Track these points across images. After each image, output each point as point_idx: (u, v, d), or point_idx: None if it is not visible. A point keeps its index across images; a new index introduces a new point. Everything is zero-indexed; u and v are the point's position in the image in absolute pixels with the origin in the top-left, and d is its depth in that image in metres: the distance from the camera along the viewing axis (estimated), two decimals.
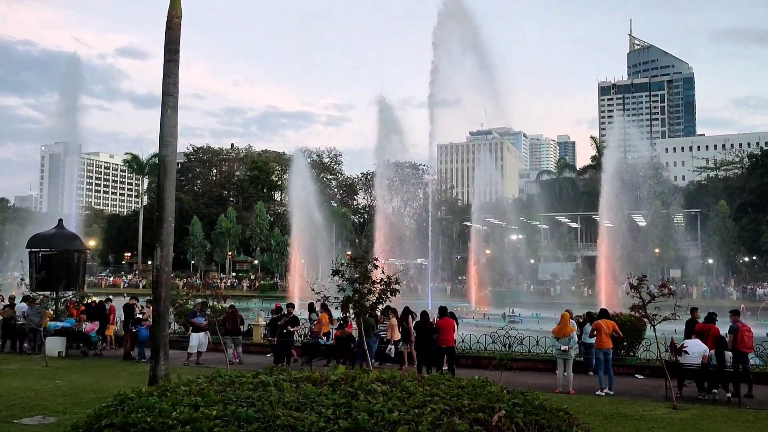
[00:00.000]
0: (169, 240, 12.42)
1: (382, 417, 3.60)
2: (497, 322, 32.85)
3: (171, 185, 12.83)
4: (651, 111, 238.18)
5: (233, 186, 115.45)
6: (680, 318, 13.74)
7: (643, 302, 13.26)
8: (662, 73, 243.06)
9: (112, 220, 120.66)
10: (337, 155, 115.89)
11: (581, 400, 13.21)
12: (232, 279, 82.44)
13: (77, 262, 22.19)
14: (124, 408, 3.92)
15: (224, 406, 3.81)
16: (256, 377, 4.66)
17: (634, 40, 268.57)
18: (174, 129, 12.89)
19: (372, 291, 14.42)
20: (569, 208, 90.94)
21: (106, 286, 77.19)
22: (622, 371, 16.74)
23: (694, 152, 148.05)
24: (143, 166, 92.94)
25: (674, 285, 37.18)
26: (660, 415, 11.70)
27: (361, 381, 4.43)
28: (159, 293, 12.30)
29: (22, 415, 10.04)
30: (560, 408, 4.26)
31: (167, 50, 12.86)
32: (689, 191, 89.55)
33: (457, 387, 4.45)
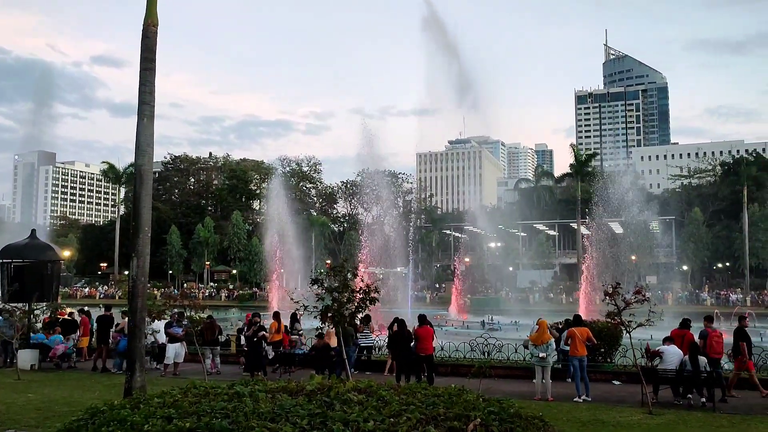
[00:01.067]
0: (145, 250, 12.29)
1: (357, 427, 3.59)
2: (476, 330, 32.97)
3: (147, 195, 12.72)
4: (627, 120, 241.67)
5: (211, 195, 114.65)
6: (655, 324, 13.90)
7: (618, 309, 13.40)
8: (637, 83, 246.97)
9: (87, 230, 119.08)
10: (316, 164, 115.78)
11: (559, 407, 13.29)
12: (211, 289, 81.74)
13: (51, 273, 21.78)
14: (95, 421, 3.86)
15: (198, 418, 3.77)
16: (232, 388, 4.62)
17: (609, 50, 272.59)
18: (150, 138, 12.80)
19: (351, 300, 14.39)
20: (547, 216, 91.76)
21: (81, 297, 76.03)
22: (599, 377, 16.87)
23: (668, 160, 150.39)
24: (120, 175, 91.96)
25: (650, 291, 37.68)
26: (636, 420, 11.81)
27: (337, 391, 4.42)
28: (135, 304, 12.16)
29: None
30: (535, 416, 4.29)
31: (143, 58, 12.78)
32: (664, 199, 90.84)
33: (433, 395, 4.45)
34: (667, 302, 60.47)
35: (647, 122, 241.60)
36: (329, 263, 76.36)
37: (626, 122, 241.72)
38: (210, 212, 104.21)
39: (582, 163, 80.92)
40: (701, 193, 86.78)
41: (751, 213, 70.68)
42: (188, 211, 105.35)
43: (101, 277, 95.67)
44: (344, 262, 15.82)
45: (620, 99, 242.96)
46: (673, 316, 19.88)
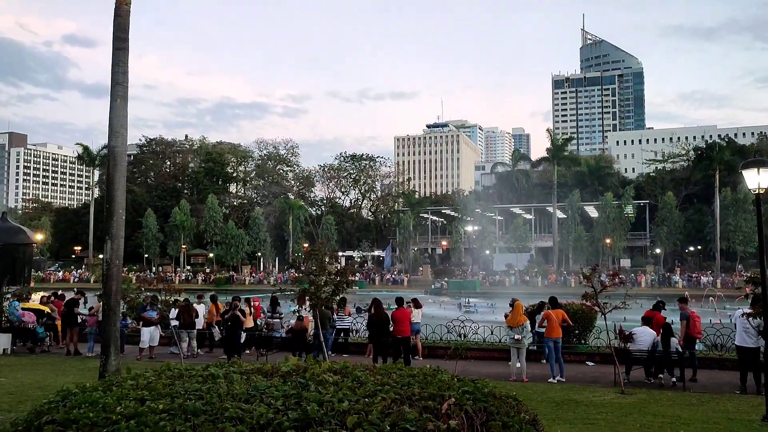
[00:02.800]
0: (119, 233, 12.15)
1: (332, 407, 3.59)
2: (453, 312, 33.24)
3: (121, 177, 12.55)
4: (603, 105, 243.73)
5: (187, 178, 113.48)
6: (630, 307, 14.14)
7: (595, 291, 13.59)
8: (613, 68, 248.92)
9: (61, 214, 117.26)
10: (293, 147, 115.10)
11: (534, 387, 13.48)
12: (187, 272, 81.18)
13: (23, 257, 21.47)
14: (66, 403, 3.81)
15: (172, 400, 3.74)
16: (206, 370, 4.59)
17: (586, 35, 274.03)
18: (124, 119, 12.61)
19: (328, 283, 14.41)
20: (524, 200, 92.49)
21: (56, 281, 75.08)
22: (573, 359, 17.15)
23: (643, 145, 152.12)
24: (94, 157, 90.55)
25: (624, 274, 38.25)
26: (609, 400, 12.03)
27: (312, 372, 4.41)
28: (109, 287, 12.05)
29: None
30: (509, 395, 4.33)
31: (116, 38, 12.54)
32: (639, 183, 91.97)
33: (408, 376, 4.47)
34: (641, 284, 61.53)
35: (623, 107, 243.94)
36: (306, 247, 76.23)
37: (602, 107, 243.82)
38: (186, 195, 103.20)
39: (558, 147, 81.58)
40: (675, 178, 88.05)
41: (723, 197, 71.93)
42: (164, 194, 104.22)
43: (75, 260, 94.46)
44: (321, 246, 15.83)
45: (596, 84, 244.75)
46: (646, 299, 20.21)
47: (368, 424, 3.37)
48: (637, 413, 10.76)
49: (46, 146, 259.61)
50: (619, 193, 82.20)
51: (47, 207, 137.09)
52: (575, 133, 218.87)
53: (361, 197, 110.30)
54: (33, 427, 3.60)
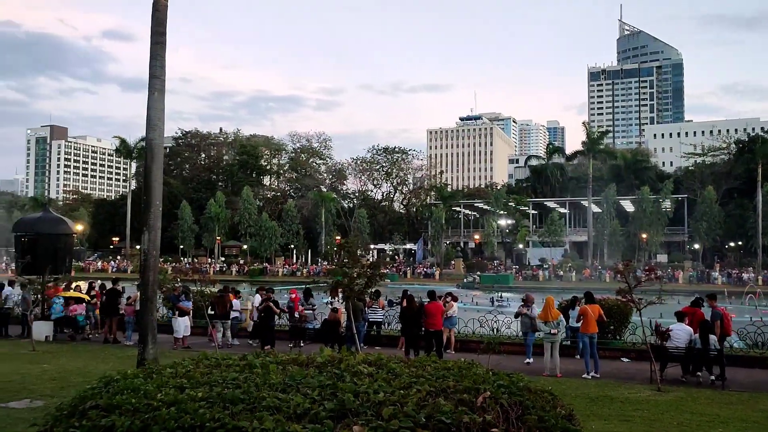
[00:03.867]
0: (156, 224, 12.36)
1: (368, 398, 3.61)
2: (486, 307, 33.10)
3: (158, 169, 12.75)
4: (640, 97, 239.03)
5: (222, 170, 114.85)
6: (666, 303, 13.89)
7: (629, 287, 13.38)
8: (651, 59, 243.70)
9: (99, 205, 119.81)
10: (326, 140, 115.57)
11: (568, 383, 13.35)
12: (221, 264, 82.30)
13: (64, 246, 22.03)
14: (109, 390, 3.92)
15: (210, 388, 3.81)
16: (243, 359, 4.66)
17: (624, 26, 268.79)
18: (161, 112, 12.80)
19: (361, 275, 14.44)
20: (558, 194, 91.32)
21: (94, 270, 76.84)
22: (608, 355, 16.92)
23: (681, 138, 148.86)
24: (131, 150, 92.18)
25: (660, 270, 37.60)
26: (645, 397, 11.86)
27: (347, 363, 4.45)
28: (147, 277, 12.27)
29: (9, 398, 10.01)
30: (545, 389, 4.30)
31: (154, 32, 12.73)
32: (677, 177, 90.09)
33: (443, 369, 4.48)
34: (678, 281, 60.37)
35: (661, 99, 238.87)
36: (339, 239, 76.54)
37: (639, 99, 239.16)
38: (221, 187, 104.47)
39: (594, 140, 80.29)
40: (715, 172, 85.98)
41: (765, 191, 70.00)
42: (199, 186, 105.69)
43: (113, 251, 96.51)
44: (354, 238, 15.86)
45: (634, 75, 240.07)
46: (683, 295, 19.81)
47: (404, 416, 3.39)
48: (673, 411, 10.59)
49: (85, 139, 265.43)
50: (657, 187, 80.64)
51: (86, 198, 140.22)
52: (611, 126, 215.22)
53: (393, 190, 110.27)
54: (78, 412, 3.71)
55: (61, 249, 21.79)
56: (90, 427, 3.43)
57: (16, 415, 8.76)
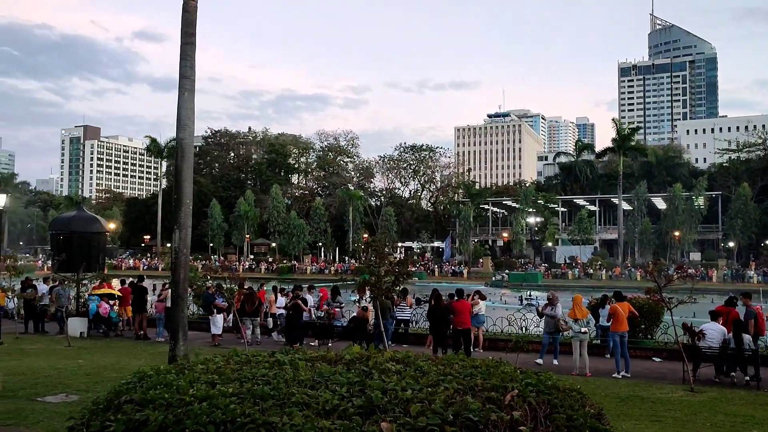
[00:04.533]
0: (187, 222, 12.51)
1: (396, 395, 3.64)
2: (514, 305, 32.88)
3: (189, 168, 12.91)
4: (672, 92, 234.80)
5: (251, 169, 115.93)
6: (698, 302, 13.66)
7: (659, 286, 13.18)
8: (684, 54, 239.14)
9: (131, 203, 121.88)
10: (353, 138, 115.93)
11: (597, 382, 13.21)
12: (250, 261, 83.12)
13: (97, 245, 22.49)
14: (142, 385, 4.01)
15: (240, 384, 3.88)
16: (272, 356, 4.72)
17: (655, 20, 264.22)
18: (191, 112, 12.94)
19: (388, 273, 14.46)
20: (587, 191, 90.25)
21: (126, 268, 78.22)
22: (639, 354, 16.70)
23: (715, 134, 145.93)
24: (162, 149, 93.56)
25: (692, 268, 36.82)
26: (677, 397, 11.68)
27: (375, 360, 4.48)
28: (177, 275, 12.43)
29: (45, 393, 10.26)
30: (573, 388, 4.27)
31: (184, 33, 12.87)
32: (711, 173, 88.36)
33: (470, 367, 4.48)
34: (711, 279, 59.26)
35: (694, 94, 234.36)
36: (366, 237, 76.67)
37: (672, 95, 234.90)
38: (249, 186, 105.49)
39: (624, 137, 79.09)
40: (750, 168, 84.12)
41: None
42: (228, 185, 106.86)
43: (144, 249, 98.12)
44: (382, 236, 15.88)
45: (666, 71, 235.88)
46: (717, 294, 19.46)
47: (431, 413, 3.40)
48: (707, 412, 10.41)
49: (117, 139, 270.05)
50: (689, 184, 79.21)
51: (118, 197, 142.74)
52: (642, 123, 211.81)
53: (420, 188, 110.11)
54: (113, 406, 3.80)
55: (95, 247, 22.25)
56: (125, 420, 3.52)
57: (52, 409, 8.98)
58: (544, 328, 16.78)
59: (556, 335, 16.39)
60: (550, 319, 16.44)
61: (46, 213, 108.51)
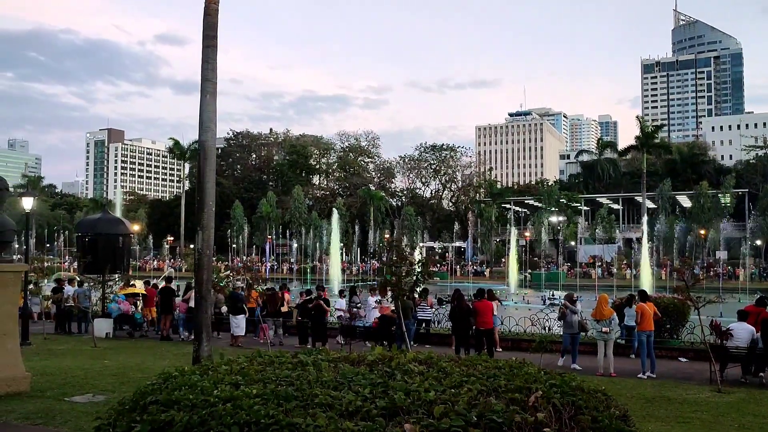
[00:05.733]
0: (210, 224, 12.62)
1: (419, 396, 3.63)
2: (537, 305, 32.66)
3: (211, 170, 13.01)
4: (697, 89, 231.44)
5: (272, 170, 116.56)
6: (726, 301, 13.45)
7: (687, 285, 13.00)
8: (709, 49, 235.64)
9: (154, 205, 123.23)
10: (374, 138, 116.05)
11: (622, 382, 13.06)
12: (272, 262, 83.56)
13: (122, 246, 22.78)
14: (167, 386, 4.05)
15: (264, 385, 3.90)
16: (295, 357, 4.74)
17: (679, 16, 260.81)
18: (213, 114, 13.05)
19: (410, 273, 14.45)
20: (611, 189, 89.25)
21: (150, 269, 79.08)
22: (665, 354, 16.48)
23: (741, 130, 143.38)
24: (184, 151, 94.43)
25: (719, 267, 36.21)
26: (704, 398, 11.50)
27: (398, 361, 4.47)
28: (200, 276, 12.53)
29: (73, 393, 10.41)
30: (598, 389, 4.22)
31: (205, 36, 12.98)
32: (737, 170, 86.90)
33: (494, 368, 4.45)
34: (739, 278, 58.27)
35: (719, 91, 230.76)
36: (387, 237, 76.66)
37: (696, 91, 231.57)
38: (271, 187, 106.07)
39: (648, 135, 78.05)
40: None
41: None
42: (250, 186, 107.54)
43: (168, 250, 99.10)
44: (403, 236, 15.85)
45: (690, 67, 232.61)
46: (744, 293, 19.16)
47: (455, 414, 3.38)
48: (735, 413, 10.24)
49: (141, 141, 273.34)
50: (715, 181, 77.98)
51: (142, 199, 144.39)
52: (666, 120, 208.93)
53: (441, 188, 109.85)
54: (138, 407, 3.84)
55: (120, 248, 22.55)
56: (150, 421, 3.55)
57: (80, 409, 9.11)
58: (564, 330, 16.21)
59: (577, 336, 15.87)
60: (571, 319, 15.97)
61: (72, 215, 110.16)
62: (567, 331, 15.95)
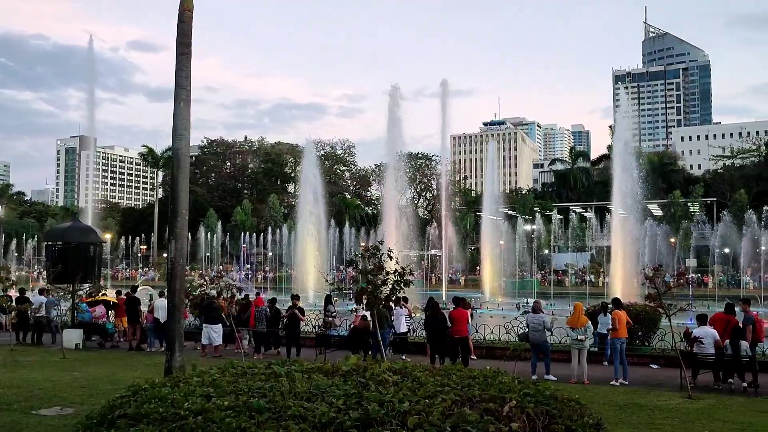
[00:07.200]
0: (183, 232, 12.46)
1: (393, 407, 3.60)
2: (511, 313, 32.82)
3: (185, 178, 12.86)
4: (666, 99, 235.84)
5: (247, 178, 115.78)
6: (696, 308, 13.67)
7: (659, 292, 13.17)
8: (678, 61, 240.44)
9: (127, 213, 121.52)
10: (350, 147, 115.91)
11: (595, 390, 13.17)
12: (247, 271, 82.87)
13: (93, 255, 22.38)
14: (137, 398, 3.97)
15: (236, 397, 3.84)
16: (269, 368, 4.68)
17: (649, 28, 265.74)
18: (187, 122, 12.90)
19: (386, 282, 14.41)
20: (583, 198, 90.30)
21: (122, 278, 77.89)
22: (637, 361, 16.66)
23: (710, 141, 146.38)
24: (158, 159, 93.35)
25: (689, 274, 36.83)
26: (675, 404, 11.64)
27: (372, 371, 4.44)
28: (173, 285, 12.35)
29: (40, 405, 10.18)
30: (572, 398, 4.25)
31: (179, 43, 12.86)
32: (705, 180, 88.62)
33: (468, 377, 4.45)
34: (708, 285, 59.30)
35: (688, 102, 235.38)
36: (363, 246, 76.52)
37: (666, 102, 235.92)
38: (246, 195, 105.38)
39: None
40: (744, 174, 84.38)
41: None
42: (224, 194, 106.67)
43: (141, 259, 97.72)
44: (379, 244, 15.86)
45: (660, 78, 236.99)
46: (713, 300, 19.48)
47: (429, 425, 3.37)
48: (705, 419, 10.38)
49: (113, 149, 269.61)
50: (684, 190, 79.39)
51: (115, 207, 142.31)
52: (637, 130, 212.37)
53: (417, 196, 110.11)
54: (106, 421, 3.76)
55: (91, 257, 22.15)
56: None
57: (47, 423, 8.91)
58: (533, 339, 15.30)
59: (544, 345, 15.39)
60: (536, 328, 15.34)
61: (42, 224, 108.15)
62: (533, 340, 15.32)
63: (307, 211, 56.16)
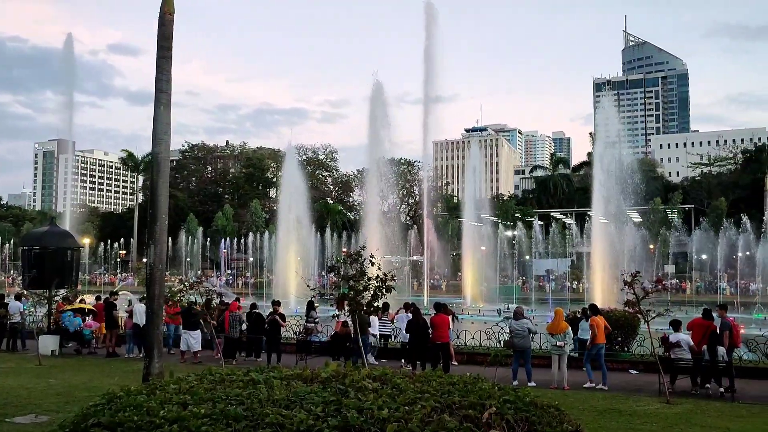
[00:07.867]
0: (162, 237, 12.35)
1: (372, 414, 3.58)
2: (492, 318, 32.93)
3: (165, 182, 12.76)
4: (645, 107, 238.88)
5: (228, 183, 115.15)
6: (673, 314, 13.81)
7: (637, 298, 13.29)
8: (657, 70, 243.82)
9: (106, 218, 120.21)
10: (332, 152, 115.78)
11: (575, 395, 13.25)
12: (228, 276, 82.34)
13: (71, 260, 22.06)
14: (112, 406, 3.89)
15: (213, 404, 3.79)
16: (247, 375, 4.63)
17: (628, 37, 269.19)
18: (167, 126, 12.81)
19: (368, 288, 14.37)
20: (564, 204, 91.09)
21: (101, 284, 76.99)
22: (616, 367, 16.79)
23: (688, 148, 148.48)
24: (138, 163, 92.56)
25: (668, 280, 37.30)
26: (653, 410, 11.74)
27: (352, 378, 4.41)
28: (152, 291, 12.23)
29: (14, 413, 10.00)
30: (551, 404, 4.25)
31: (160, 47, 12.77)
32: (684, 187, 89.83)
33: (448, 384, 4.43)
34: (685, 291, 60.02)
35: (666, 110, 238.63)
36: (345, 251, 76.41)
37: (645, 110, 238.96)
38: (227, 200, 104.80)
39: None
40: (721, 182, 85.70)
41: None
42: (205, 199, 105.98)
43: (120, 264, 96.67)
44: (361, 250, 15.81)
45: (639, 86, 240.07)
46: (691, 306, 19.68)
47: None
48: (683, 424, 10.48)
49: (92, 152, 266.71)
50: (663, 197, 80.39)
51: (94, 212, 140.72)
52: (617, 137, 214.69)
53: (399, 202, 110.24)
54: (80, 429, 3.69)
55: (68, 263, 21.83)
56: None
57: (22, 431, 8.74)
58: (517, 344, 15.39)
59: (527, 351, 15.48)
60: (519, 334, 15.39)
61: (19, 228, 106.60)
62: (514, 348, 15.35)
63: (288, 216, 55.95)
